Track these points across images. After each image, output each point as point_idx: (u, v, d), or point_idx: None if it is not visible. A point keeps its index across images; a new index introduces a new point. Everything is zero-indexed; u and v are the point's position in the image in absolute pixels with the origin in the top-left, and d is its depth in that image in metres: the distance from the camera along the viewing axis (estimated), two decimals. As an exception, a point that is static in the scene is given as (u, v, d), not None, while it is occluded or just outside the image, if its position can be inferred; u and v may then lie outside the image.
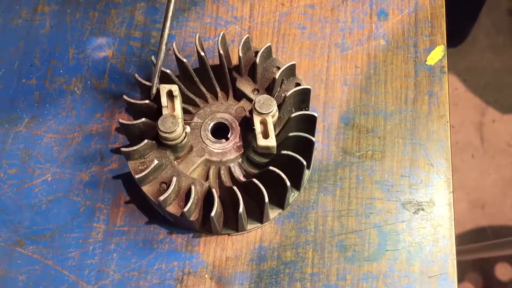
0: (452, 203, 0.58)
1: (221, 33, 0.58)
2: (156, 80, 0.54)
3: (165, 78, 0.57)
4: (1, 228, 0.57)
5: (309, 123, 0.56)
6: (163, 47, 0.54)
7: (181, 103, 0.56)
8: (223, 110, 0.59)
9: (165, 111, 0.54)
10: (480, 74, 1.58)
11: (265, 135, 0.54)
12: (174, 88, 0.54)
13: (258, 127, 0.54)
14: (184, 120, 0.55)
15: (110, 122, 0.62)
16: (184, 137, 0.55)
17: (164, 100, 0.54)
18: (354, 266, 0.56)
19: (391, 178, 0.59)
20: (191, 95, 0.59)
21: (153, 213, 0.58)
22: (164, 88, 0.54)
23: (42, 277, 0.55)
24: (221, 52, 0.57)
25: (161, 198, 0.51)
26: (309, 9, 0.67)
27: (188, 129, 0.55)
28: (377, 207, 0.58)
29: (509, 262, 1.38)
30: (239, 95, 0.59)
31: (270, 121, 0.54)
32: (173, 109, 0.54)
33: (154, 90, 0.54)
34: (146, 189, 0.54)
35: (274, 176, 0.52)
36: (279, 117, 0.56)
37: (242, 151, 0.57)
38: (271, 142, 0.53)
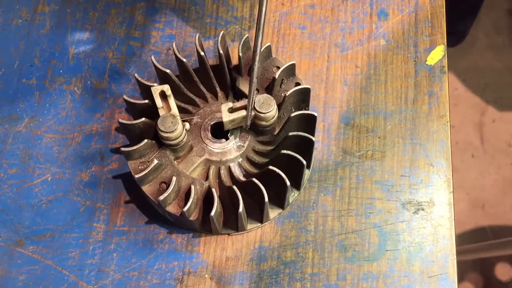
0: (452, 203, 0.58)
1: (221, 33, 0.58)
2: (252, 97, 0.53)
3: (164, 78, 0.57)
4: (1, 228, 0.57)
5: (309, 122, 0.56)
6: (257, 64, 0.53)
7: (176, 101, 0.56)
8: (223, 110, 0.59)
9: (161, 112, 0.54)
10: (480, 74, 1.58)
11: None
12: (166, 88, 0.54)
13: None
14: (181, 118, 0.55)
15: (110, 122, 0.62)
16: (184, 135, 0.55)
17: (158, 101, 0.54)
18: (354, 266, 0.56)
19: (391, 178, 0.59)
20: (191, 95, 0.59)
21: (153, 213, 0.58)
22: (156, 89, 0.54)
23: (42, 277, 0.55)
24: (221, 52, 0.57)
25: (161, 198, 0.51)
26: (309, 9, 0.67)
27: (187, 125, 0.55)
28: (377, 207, 0.58)
29: (509, 262, 1.38)
30: (239, 95, 0.59)
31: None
32: (169, 108, 0.54)
33: (251, 109, 0.54)
34: (146, 189, 0.54)
35: (274, 176, 0.52)
36: (279, 117, 0.56)
37: (242, 151, 0.57)
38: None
